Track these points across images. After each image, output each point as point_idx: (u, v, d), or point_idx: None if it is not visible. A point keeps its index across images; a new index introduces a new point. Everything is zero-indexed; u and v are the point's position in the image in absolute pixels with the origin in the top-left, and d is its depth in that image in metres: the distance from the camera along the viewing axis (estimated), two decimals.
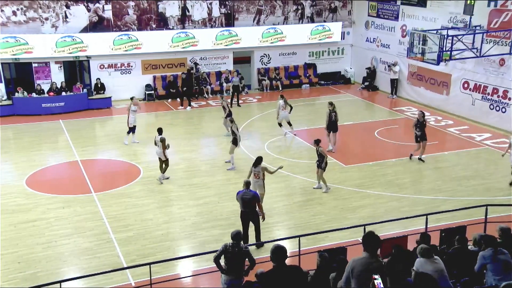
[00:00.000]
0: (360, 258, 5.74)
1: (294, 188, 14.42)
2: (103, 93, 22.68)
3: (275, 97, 24.33)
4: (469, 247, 8.04)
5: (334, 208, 13.18)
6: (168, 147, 14.67)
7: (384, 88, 24.87)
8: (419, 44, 18.76)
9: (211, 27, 24.68)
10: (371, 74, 25.64)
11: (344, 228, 10.83)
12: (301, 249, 9.54)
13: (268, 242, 10.85)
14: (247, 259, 8.22)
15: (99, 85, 22.63)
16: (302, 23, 26.28)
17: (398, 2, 23.82)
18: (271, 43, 25.49)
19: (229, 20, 24.97)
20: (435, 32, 18.88)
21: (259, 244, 11.11)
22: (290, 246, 11.27)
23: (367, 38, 26.22)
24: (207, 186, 14.46)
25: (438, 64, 18.66)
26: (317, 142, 14.03)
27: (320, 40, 26.27)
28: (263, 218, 11.18)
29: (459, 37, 18.28)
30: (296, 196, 13.92)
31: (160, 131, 14.74)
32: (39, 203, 13.29)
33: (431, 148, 17.00)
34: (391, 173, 15.37)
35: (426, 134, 15.98)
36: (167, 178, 14.74)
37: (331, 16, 26.83)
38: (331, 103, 16.89)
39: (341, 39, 26.91)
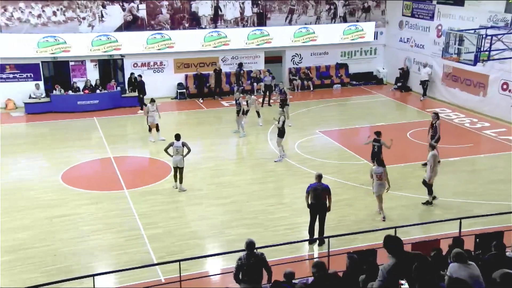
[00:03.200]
0: (389, 265, 5.61)
1: None
2: (136, 89, 22.90)
3: (306, 97, 24.27)
4: (507, 253, 7.74)
5: (364, 209, 13.02)
6: (189, 150, 13.92)
7: (417, 89, 24.41)
8: (455, 44, 18.30)
9: (243, 26, 24.74)
10: (404, 74, 25.21)
11: (374, 230, 10.69)
12: (330, 250, 9.46)
13: (298, 242, 10.82)
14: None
15: (132, 80, 22.86)
16: (334, 22, 26.06)
17: (434, 2, 23.34)
18: (303, 42, 25.37)
19: (261, 19, 24.98)
20: (472, 31, 18.37)
21: (321, 241, 11.19)
22: (318, 247, 11.24)
23: (401, 38, 25.80)
24: (235, 185, 14.50)
25: (475, 64, 18.13)
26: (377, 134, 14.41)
27: (352, 40, 25.99)
28: (329, 209, 11.35)
29: (499, 36, 17.71)
30: None
31: (178, 137, 14.01)
32: (73, 198, 13.60)
33: (466, 151, 16.61)
34: (423, 175, 15.06)
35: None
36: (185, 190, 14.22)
37: (364, 15, 26.52)
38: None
39: (374, 39, 26.56)
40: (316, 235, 11.36)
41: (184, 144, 13.81)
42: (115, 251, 11.08)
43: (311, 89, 25.12)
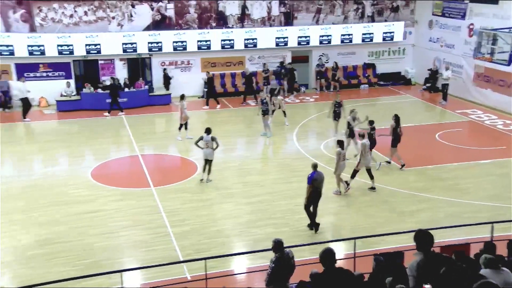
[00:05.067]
0: (418, 261, 5.50)
1: (351, 189, 14.21)
2: (169, 85, 23.15)
3: (329, 98, 24.10)
4: None
5: (390, 211, 12.89)
6: (217, 145, 14.39)
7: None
8: (488, 43, 17.92)
9: (270, 26, 24.76)
10: (433, 75, 24.81)
11: (401, 232, 10.54)
12: (356, 251, 9.38)
13: (322, 243, 10.76)
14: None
15: (168, 76, 23.12)
16: (362, 22, 25.84)
17: (466, 0, 22.89)
18: (329, 42, 25.24)
19: (288, 19, 24.95)
20: (507, 30, 17.92)
21: (316, 226, 11.86)
22: (344, 248, 11.16)
23: (430, 37, 25.41)
24: (261, 185, 14.52)
25: (509, 64, 17.73)
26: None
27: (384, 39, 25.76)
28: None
29: None
30: (351, 197, 13.73)
31: (207, 130, 14.48)
32: (101, 195, 13.84)
33: (498, 153, 16.26)
34: (452, 178, 14.84)
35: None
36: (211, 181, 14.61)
37: (392, 15, 26.21)
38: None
39: (403, 38, 26.23)
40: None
41: (213, 139, 14.22)
42: (142, 248, 11.23)
43: (337, 89, 24.97)
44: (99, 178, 14.87)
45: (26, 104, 20.56)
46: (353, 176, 13.97)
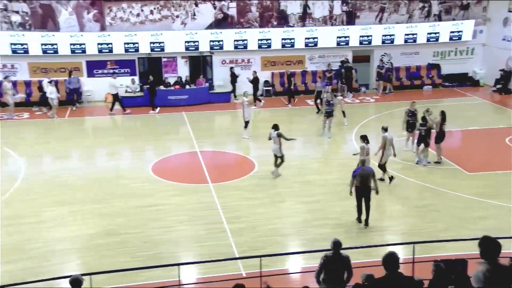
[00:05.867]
0: (486, 271, 5.19)
1: (410, 192, 13.84)
2: (236, 84, 23.39)
3: (393, 98, 23.54)
4: None
5: (452, 216, 12.41)
6: (286, 139, 14.69)
7: None
8: None
9: (332, 25, 24.48)
10: (506, 76, 23.54)
11: (465, 239, 10.11)
12: (415, 256, 9.10)
13: (381, 246, 10.53)
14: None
15: (232, 74, 23.44)
16: (428, 21, 24.99)
17: None
18: (392, 42, 24.62)
19: (350, 18, 24.56)
20: None
21: (367, 222, 11.86)
22: (403, 253, 10.83)
23: (504, 36, 24.12)
24: (319, 184, 14.39)
25: None
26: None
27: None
28: (377, 192, 11.94)
29: None
30: (411, 201, 13.35)
31: (276, 127, 14.84)
32: (161, 189, 14.20)
33: None
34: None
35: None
36: (279, 175, 14.88)
37: (461, 13, 25.17)
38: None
39: (472, 38, 25.14)
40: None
41: (279, 135, 14.47)
42: (198, 243, 11.43)
43: (391, 90, 24.26)
44: (159, 173, 15.28)
45: (116, 98, 21.52)
46: (384, 170, 14.08)
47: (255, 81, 22.61)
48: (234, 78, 23.30)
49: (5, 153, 16.84)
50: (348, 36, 24.32)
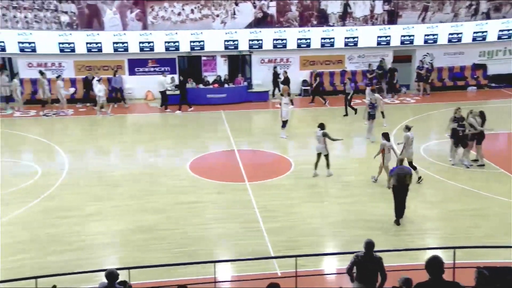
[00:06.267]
0: None
1: (450, 195, 13.50)
2: (278, 84, 23.34)
3: (433, 99, 23.01)
4: None
5: (495, 221, 12.00)
6: (331, 139, 14.65)
7: None
8: None
9: (372, 24, 24.13)
10: None
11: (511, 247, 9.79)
12: (456, 262, 8.86)
13: (420, 249, 10.33)
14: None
15: (275, 73, 23.48)
16: (475, 20, 24.23)
17: None
18: (435, 41, 24.04)
19: (392, 17, 24.14)
20: None
21: (397, 221, 11.83)
22: (443, 257, 10.58)
23: None
24: (358, 185, 14.23)
25: None
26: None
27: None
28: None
29: None
30: (452, 204, 13.01)
31: (322, 126, 14.73)
32: (198, 187, 14.35)
33: None
34: None
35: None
36: (331, 175, 14.70)
37: None
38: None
39: None
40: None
41: (324, 135, 14.47)
42: (234, 241, 11.48)
43: (427, 92, 23.68)
44: (196, 171, 15.44)
45: (164, 96, 21.97)
46: (412, 166, 13.84)
47: (286, 81, 22.47)
48: (276, 78, 23.21)
49: (51, 148, 17.41)
50: (389, 36, 23.92)
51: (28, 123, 20.57)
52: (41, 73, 21.74)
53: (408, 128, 14.33)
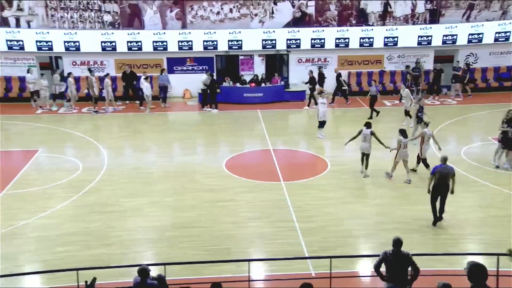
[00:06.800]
0: None
1: (492, 200, 13.07)
2: (323, 84, 23.11)
3: (476, 100, 22.34)
4: None
5: None
6: (378, 140, 14.52)
7: None
8: None
9: (413, 23, 23.63)
10: None
11: None
12: (499, 269, 8.56)
13: (461, 254, 10.06)
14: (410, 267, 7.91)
15: (320, 74, 23.28)
16: None
17: None
18: (480, 41, 23.32)
19: (434, 16, 23.57)
20: None
21: (439, 219, 11.68)
22: (485, 264, 10.25)
23: None
24: (392, 187, 13.99)
25: None
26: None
27: None
28: (452, 192, 11.62)
29: None
30: (494, 209, 12.60)
31: (368, 125, 14.64)
32: (233, 185, 14.40)
33: None
34: None
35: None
36: (368, 176, 14.56)
37: None
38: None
39: None
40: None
41: (372, 133, 14.39)
42: (269, 240, 11.46)
43: (458, 93, 22.94)
44: (232, 169, 15.50)
45: (205, 95, 22.14)
46: (425, 163, 14.18)
47: (312, 81, 22.16)
48: (321, 78, 22.92)
49: (91, 145, 17.85)
50: (431, 36, 23.36)
51: (74, 119, 21.13)
52: (90, 70, 22.34)
53: (426, 125, 14.34)
